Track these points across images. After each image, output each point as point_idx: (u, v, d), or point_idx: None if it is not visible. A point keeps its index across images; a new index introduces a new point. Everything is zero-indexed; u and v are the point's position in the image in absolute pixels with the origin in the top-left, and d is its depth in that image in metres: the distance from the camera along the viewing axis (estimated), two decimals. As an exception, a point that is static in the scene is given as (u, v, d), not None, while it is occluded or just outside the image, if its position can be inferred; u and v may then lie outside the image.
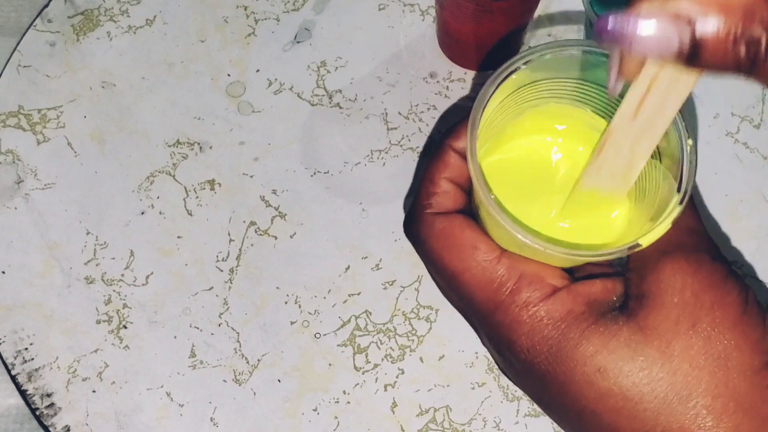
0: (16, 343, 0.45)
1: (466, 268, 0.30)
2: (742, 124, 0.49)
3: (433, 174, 0.31)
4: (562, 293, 0.29)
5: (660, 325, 0.28)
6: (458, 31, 0.46)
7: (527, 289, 0.29)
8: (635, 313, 0.28)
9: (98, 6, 0.51)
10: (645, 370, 0.27)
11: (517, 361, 0.30)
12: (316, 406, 0.44)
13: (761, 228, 0.47)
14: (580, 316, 0.28)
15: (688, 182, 0.28)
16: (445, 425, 0.44)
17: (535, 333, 0.29)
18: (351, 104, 0.49)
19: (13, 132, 0.48)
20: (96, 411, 0.44)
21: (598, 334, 0.28)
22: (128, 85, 0.49)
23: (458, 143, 0.31)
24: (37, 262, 0.46)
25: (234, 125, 0.49)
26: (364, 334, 0.45)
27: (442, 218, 0.31)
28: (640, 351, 0.27)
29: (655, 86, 0.25)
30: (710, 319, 0.27)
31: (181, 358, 0.45)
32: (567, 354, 0.28)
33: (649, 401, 0.27)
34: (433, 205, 0.31)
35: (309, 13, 0.51)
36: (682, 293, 0.28)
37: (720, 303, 0.28)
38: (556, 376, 0.29)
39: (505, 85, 0.29)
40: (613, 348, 0.28)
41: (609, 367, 0.28)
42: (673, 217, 0.27)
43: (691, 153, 0.28)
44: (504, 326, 0.29)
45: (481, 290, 0.30)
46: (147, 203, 0.47)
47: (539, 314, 0.29)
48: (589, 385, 0.28)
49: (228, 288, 0.46)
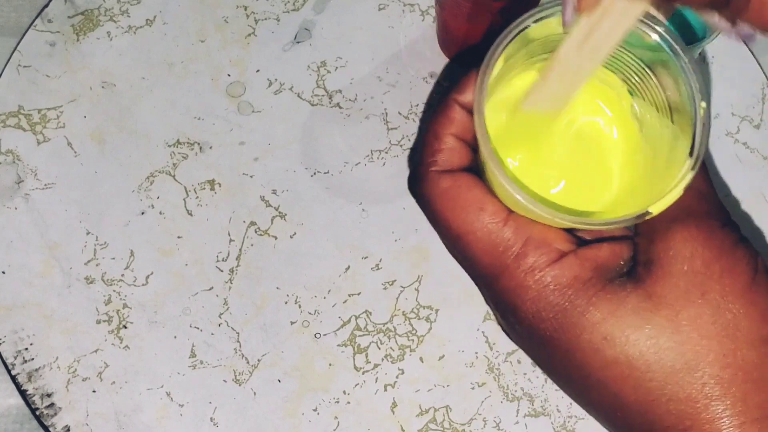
0: (16, 343, 0.45)
1: (471, 230, 0.29)
2: (742, 124, 0.49)
3: (437, 130, 0.30)
4: (569, 258, 0.28)
5: (669, 294, 0.27)
6: (458, 31, 0.46)
7: (534, 253, 0.28)
8: (643, 280, 0.28)
9: (98, 6, 0.51)
10: (652, 338, 0.27)
11: (522, 326, 0.29)
12: (316, 406, 0.44)
13: (761, 228, 0.47)
14: (587, 282, 0.28)
15: (701, 147, 0.27)
16: (445, 425, 0.44)
17: (540, 299, 0.28)
18: (351, 104, 0.49)
19: (13, 132, 0.48)
20: (96, 411, 0.44)
21: (605, 301, 0.27)
22: (128, 85, 0.49)
23: (464, 97, 0.30)
24: (37, 262, 0.46)
25: (234, 125, 0.49)
26: (364, 334, 0.45)
27: (448, 177, 0.30)
28: (648, 319, 0.27)
29: (607, 15, 0.26)
30: (720, 288, 0.27)
31: (181, 358, 0.45)
32: (573, 321, 0.28)
33: (656, 370, 0.27)
34: (439, 162, 0.30)
35: (309, 13, 0.51)
36: (691, 262, 0.27)
37: (730, 271, 0.27)
38: (561, 343, 0.28)
39: (515, 42, 0.28)
40: (620, 315, 0.27)
41: (616, 335, 0.27)
42: (685, 183, 0.27)
43: (704, 116, 0.27)
44: (509, 291, 0.29)
45: (486, 254, 0.29)
46: (147, 203, 0.47)
47: (545, 280, 0.28)
48: (595, 353, 0.27)
49: (228, 288, 0.46)
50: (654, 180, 0.29)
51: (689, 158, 0.27)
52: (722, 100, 0.50)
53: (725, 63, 0.50)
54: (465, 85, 0.30)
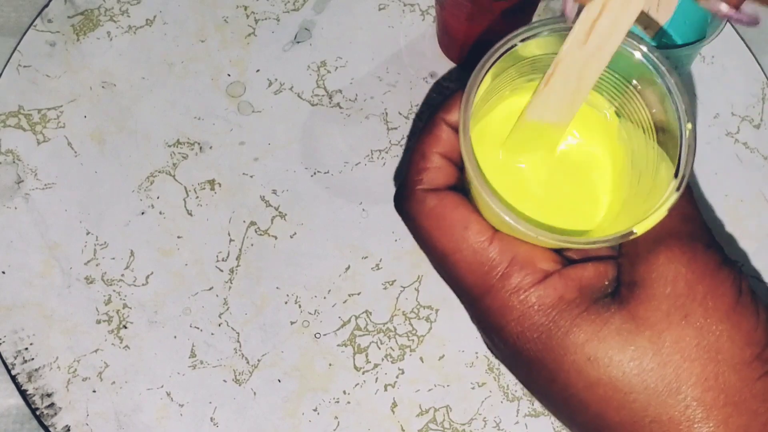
0: (16, 343, 0.45)
1: (456, 249, 0.29)
2: (742, 124, 0.49)
3: (424, 148, 0.30)
4: (554, 278, 0.28)
5: (652, 316, 0.27)
6: (458, 31, 0.46)
7: (518, 273, 0.28)
8: (627, 301, 0.28)
9: (98, 6, 0.51)
10: (635, 360, 0.27)
11: (506, 346, 0.29)
12: (316, 406, 0.44)
13: (761, 228, 0.47)
14: (571, 302, 0.28)
15: (686, 168, 0.27)
16: (445, 425, 0.44)
17: (524, 319, 0.28)
18: (351, 104, 0.49)
19: (13, 132, 0.48)
20: (96, 411, 0.44)
21: (589, 322, 0.28)
22: (128, 85, 0.49)
23: (451, 117, 0.30)
24: (37, 262, 0.46)
25: (234, 125, 0.49)
26: (364, 334, 0.45)
27: (434, 195, 0.30)
28: (631, 341, 0.27)
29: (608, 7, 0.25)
30: (702, 310, 0.27)
31: (181, 358, 0.45)
32: (557, 342, 0.28)
33: (639, 392, 0.27)
34: (424, 180, 0.30)
35: (309, 13, 0.51)
36: (675, 284, 0.27)
37: (713, 293, 0.27)
38: (546, 363, 0.28)
39: (502, 61, 0.28)
40: (603, 336, 0.27)
41: (599, 356, 0.27)
42: (669, 205, 0.27)
43: (689, 137, 0.27)
44: (493, 311, 0.29)
45: (471, 273, 0.29)
46: (147, 203, 0.47)
47: (530, 300, 0.28)
48: (578, 374, 0.28)
49: (228, 288, 0.46)
50: (639, 201, 0.29)
51: (674, 179, 0.27)
52: (722, 100, 0.50)
53: (725, 63, 0.50)
54: (452, 105, 0.30)
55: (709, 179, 0.48)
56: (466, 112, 0.27)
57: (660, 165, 0.28)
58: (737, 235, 0.47)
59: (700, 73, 0.50)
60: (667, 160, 0.28)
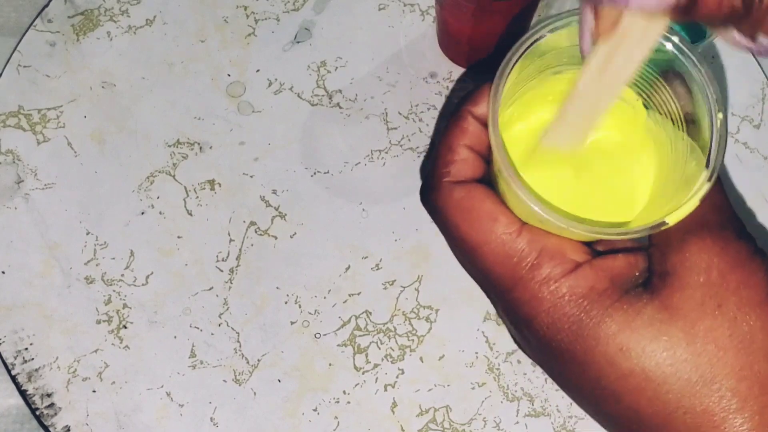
0: (16, 343, 0.45)
1: (484, 241, 0.29)
2: (742, 124, 0.49)
3: (451, 141, 0.30)
4: (585, 268, 0.28)
5: (685, 305, 0.27)
6: (458, 31, 0.46)
7: (548, 264, 0.28)
8: (659, 291, 0.28)
9: (98, 6, 0.51)
10: (669, 350, 0.27)
11: (536, 338, 0.29)
12: (316, 406, 0.44)
13: (761, 228, 0.47)
14: (603, 292, 0.28)
15: (717, 158, 0.27)
16: (445, 425, 0.44)
17: (556, 310, 0.28)
18: (351, 104, 0.49)
19: (13, 132, 0.48)
20: (96, 411, 0.44)
21: (621, 312, 0.27)
22: (128, 85, 0.49)
23: (478, 109, 0.30)
24: (37, 262, 0.46)
25: (234, 125, 0.49)
26: (364, 334, 0.45)
27: (461, 188, 0.29)
28: (664, 331, 0.27)
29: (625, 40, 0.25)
30: (736, 300, 0.27)
31: (181, 358, 0.45)
32: (588, 332, 0.27)
33: (673, 383, 0.27)
34: (452, 173, 0.30)
35: (309, 13, 0.51)
36: (708, 273, 0.27)
37: (746, 283, 0.27)
38: (576, 355, 0.28)
39: (529, 53, 0.28)
40: (636, 327, 0.27)
41: (632, 347, 0.27)
42: (701, 195, 0.26)
43: (721, 127, 0.27)
44: (523, 302, 0.28)
45: (499, 265, 0.29)
46: (147, 203, 0.47)
47: (561, 290, 0.28)
48: (611, 365, 0.27)
49: (228, 288, 0.46)
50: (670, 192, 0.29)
51: (705, 170, 0.27)
52: (722, 100, 0.50)
53: (725, 63, 0.50)
54: (478, 97, 0.30)
55: (709, 179, 0.48)
56: (495, 103, 0.27)
57: (690, 156, 0.28)
58: (737, 235, 0.47)
59: (700, 73, 0.50)
60: (697, 150, 0.28)
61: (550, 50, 0.29)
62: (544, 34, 0.28)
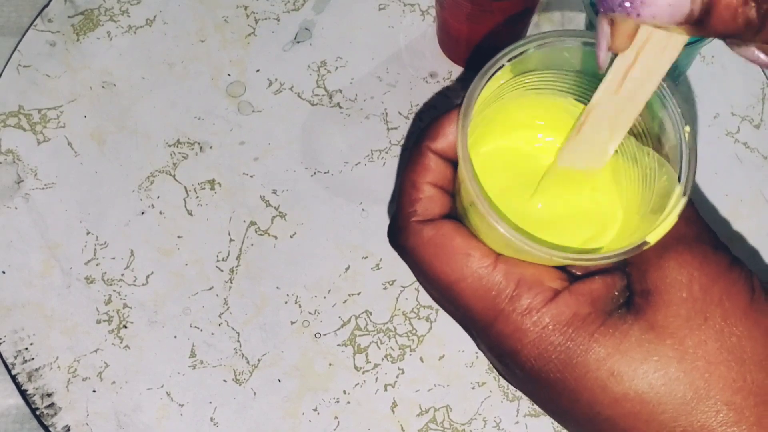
0: (16, 343, 0.45)
1: (460, 278, 0.28)
2: (742, 124, 0.49)
3: (414, 179, 0.30)
4: (564, 295, 0.28)
5: (671, 323, 0.27)
6: (458, 31, 0.46)
7: (528, 294, 0.28)
8: (643, 311, 0.27)
9: (98, 6, 0.51)
10: (660, 370, 0.26)
11: (523, 370, 0.28)
12: (316, 406, 0.44)
13: (761, 228, 0.47)
14: (586, 318, 0.27)
15: (689, 171, 0.26)
16: (445, 425, 0.44)
17: (541, 341, 0.27)
18: (351, 104, 0.49)
19: (13, 132, 0.48)
20: (96, 411, 0.44)
21: (608, 336, 0.27)
22: (128, 85, 0.49)
23: (436, 144, 0.29)
24: (37, 262, 0.46)
25: (234, 125, 0.49)
26: (364, 333, 0.45)
27: (430, 226, 0.29)
28: (654, 350, 0.27)
29: (642, 56, 0.24)
30: (721, 312, 0.27)
31: (181, 358, 0.45)
32: (578, 359, 0.27)
33: (668, 402, 0.26)
34: (419, 212, 0.29)
35: (309, 13, 0.51)
36: (690, 288, 0.27)
37: (728, 293, 0.27)
38: (567, 383, 0.27)
39: (489, 85, 0.28)
40: (625, 349, 0.27)
41: (623, 370, 0.27)
42: (678, 210, 0.26)
43: (690, 140, 0.26)
44: (506, 336, 0.28)
45: (478, 300, 0.28)
46: (147, 203, 0.47)
47: (544, 320, 0.27)
48: (603, 390, 0.27)
49: (228, 288, 0.46)
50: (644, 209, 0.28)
51: (678, 184, 0.26)
52: (722, 100, 0.50)
53: (725, 63, 0.50)
54: (436, 132, 0.30)
55: (709, 179, 0.48)
56: (464, 137, 0.27)
57: (659, 171, 0.28)
58: (737, 235, 0.47)
59: (700, 73, 0.50)
60: (667, 165, 0.27)
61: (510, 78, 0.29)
62: (503, 63, 0.27)
